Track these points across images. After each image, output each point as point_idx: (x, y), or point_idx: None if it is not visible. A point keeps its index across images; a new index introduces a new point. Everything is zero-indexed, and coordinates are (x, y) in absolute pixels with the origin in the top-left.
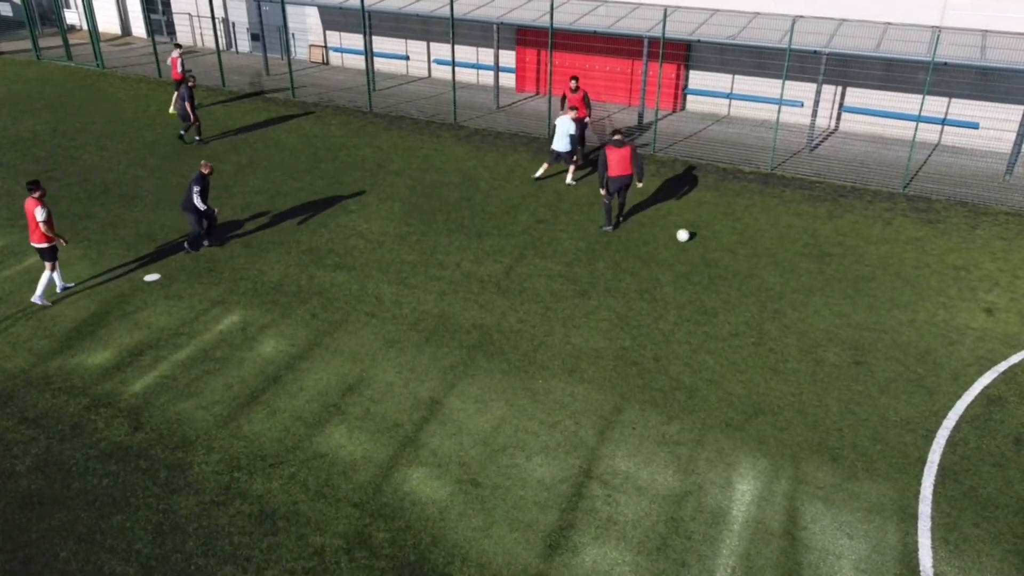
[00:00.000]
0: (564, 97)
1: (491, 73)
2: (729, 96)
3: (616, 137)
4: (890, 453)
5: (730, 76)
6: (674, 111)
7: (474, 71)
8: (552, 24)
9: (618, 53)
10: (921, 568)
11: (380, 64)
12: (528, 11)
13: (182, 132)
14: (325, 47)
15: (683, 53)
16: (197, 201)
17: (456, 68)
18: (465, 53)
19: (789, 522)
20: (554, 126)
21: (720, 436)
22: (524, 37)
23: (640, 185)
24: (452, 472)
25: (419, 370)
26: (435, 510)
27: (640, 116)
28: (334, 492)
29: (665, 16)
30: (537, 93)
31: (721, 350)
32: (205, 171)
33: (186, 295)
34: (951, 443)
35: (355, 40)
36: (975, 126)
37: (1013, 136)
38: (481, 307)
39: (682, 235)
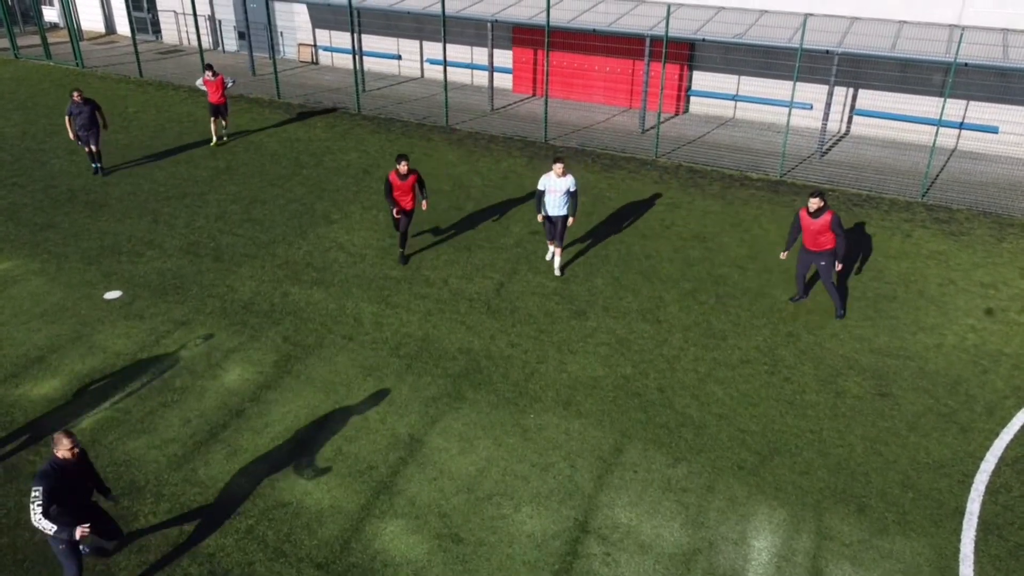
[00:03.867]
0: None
1: (486, 73)
2: (735, 98)
3: (814, 201)
4: (923, 502)
5: (736, 77)
6: (677, 114)
7: (468, 71)
8: (549, 22)
9: (618, 53)
10: None
11: (371, 64)
12: (524, 8)
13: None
14: (314, 46)
15: (686, 53)
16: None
17: (449, 68)
18: (459, 52)
19: None
20: (539, 190)
21: (733, 481)
22: (521, 36)
23: (839, 267)
24: (431, 525)
25: (398, 402)
26: (410, 572)
27: (642, 119)
28: (296, 549)
29: (668, 14)
30: (534, 94)
31: (731, 379)
32: (61, 454)
33: (148, 315)
34: (991, 490)
35: (346, 39)
36: (995, 130)
37: None
38: (469, 329)
39: None
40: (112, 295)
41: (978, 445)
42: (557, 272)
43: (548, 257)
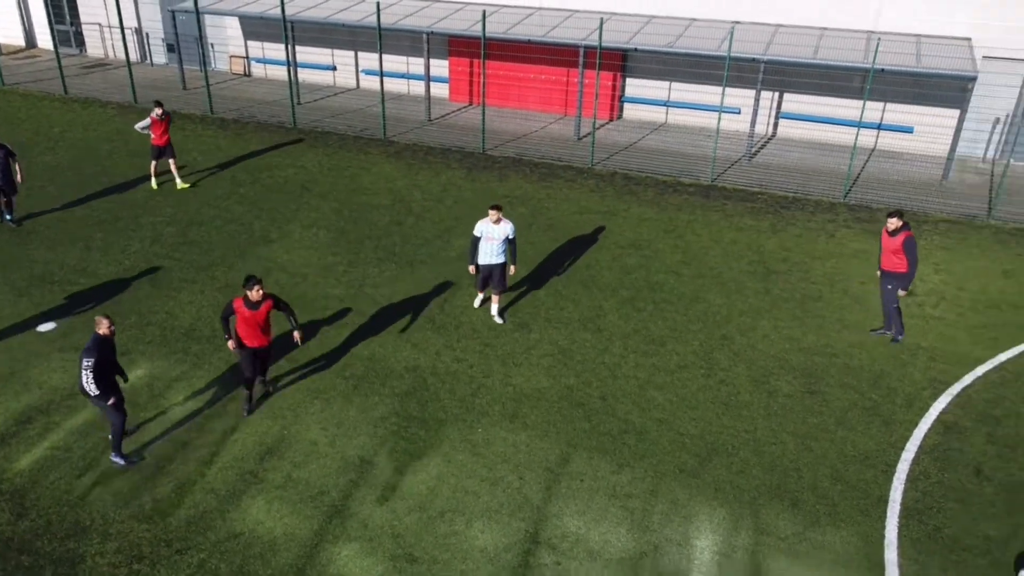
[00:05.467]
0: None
1: (423, 83)
2: (667, 104)
3: (892, 220)
4: (851, 493)
5: (667, 83)
6: (611, 120)
7: (405, 81)
8: (484, 33)
9: (553, 62)
10: None
11: (305, 75)
12: (459, 20)
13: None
14: (247, 58)
15: (619, 62)
16: (88, 384)
17: (385, 79)
18: (395, 63)
19: None
20: (475, 237)
21: (674, 484)
22: (457, 47)
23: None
24: (385, 547)
25: (347, 424)
26: None
27: (577, 126)
28: None
29: (601, 25)
30: (470, 103)
31: (671, 384)
32: (103, 331)
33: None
34: (912, 478)
35: (278, 50)
36: (910, 130)
37: (948, 140)
38: (414, 346)
39: None
40: (46, 327)
41: (899, 436)
42: (497, 319)
43: (477, 304)
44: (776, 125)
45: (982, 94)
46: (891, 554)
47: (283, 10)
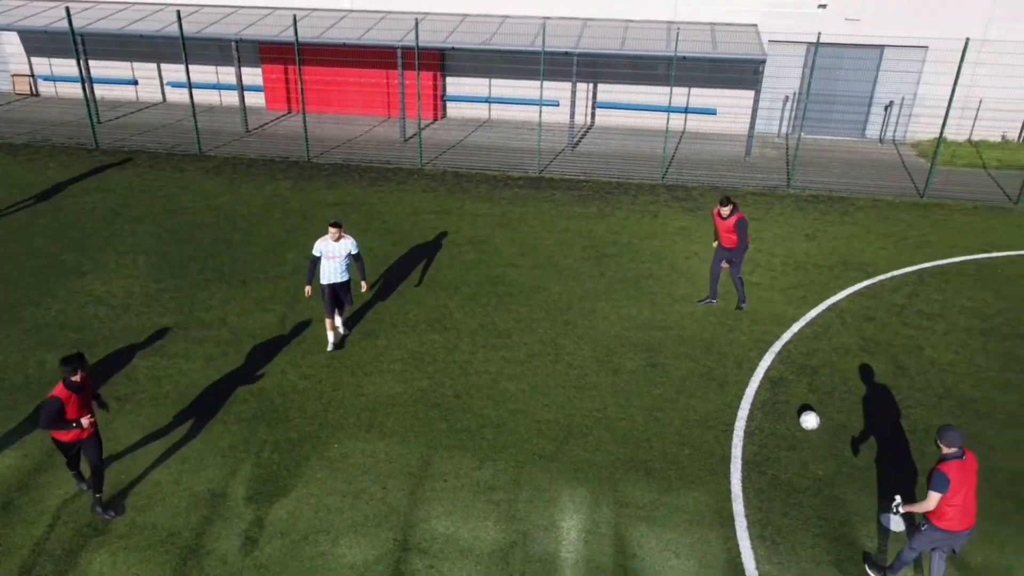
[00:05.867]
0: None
1: (235, 93)
2: (488, 100)
3: (725, 208)
4: (698, 455)
5: (487, 80)
6: (436, 119)
7: (216, 92)
8: (297, 38)
9: (372, 64)
10: (746, 572)
11: (104, 91)
12: (269, 26)
13: None
14: (32, 76)
15: (438, 61)
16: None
17: (195, 90)
18: (204, 73)
19: (618, 553)
20: (313, 257)
21: (536, 471)
22: (269, 53)
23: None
24: None
25: (192, 459)
26: None
27: (402, 128)
28: None
29: (417, 25)
30: (289, 111)
31: (522, 374)
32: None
33: None
34: (748, 433)
35: (70, 66)
36: (713, 112)
37: (747, 119)
38: (256, 368)
39: (810, 421)
40: None
41: (734, 396)
42: (341, 330)
43: (330, 347)
44: (594, 115)
45: (772, 75)
46: (738, 506)
47: (70, 22)
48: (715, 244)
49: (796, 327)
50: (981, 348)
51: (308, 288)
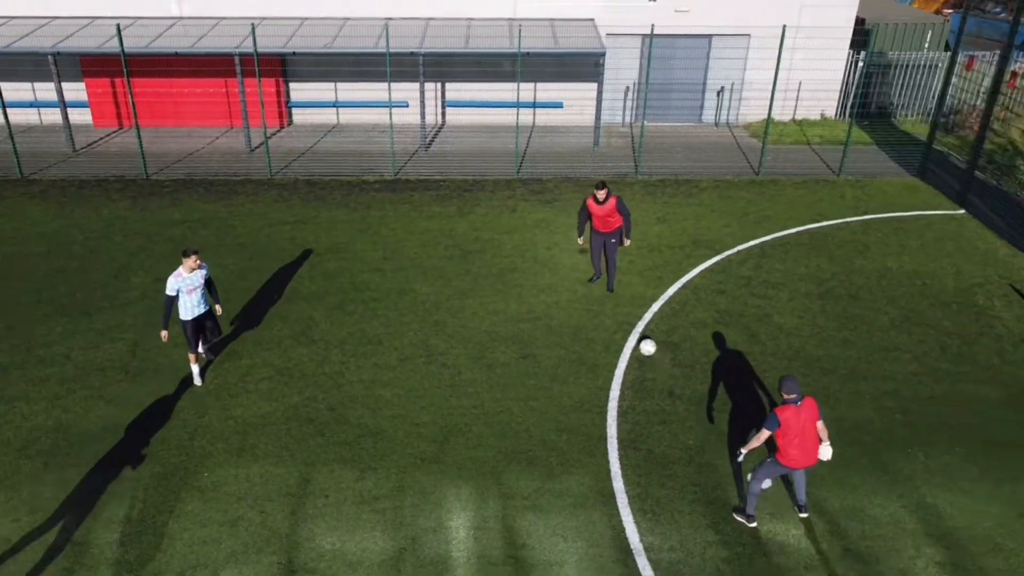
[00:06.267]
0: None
1: (57, 111)
2: (335, 104)
3: (601, 192)
4: (576, 439)
5: (333, 84)
6: (282, 127)
7: (34, 111)
8: (123, 49)
9: (209, 73)
10: (632, 547)
11: None
12: (90, 37)
13: None
14: None
15: (279, 67)
16: None
17: (9, 110)
18: (18, 91)
19: (508, 545)
20: (169, 296)
21: (419, 475)
22: (92, 67)
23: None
24: None
25: (43, 508)
26: None
27: (247, 138)
28: None
29: (253, 30)
30: (120, 127)
31: (396, 379)
32: None
33: None
34: (622, 413)
35: None
36: (560, 105)
37: (592, 111)
38: (109, 403)
39: (648, 348)
40: None
41: (605, 378)
42: (204, 355)
43: (197, 382)
44: (444, 114)
45: (612, 67)
46: (618, 483)
47: None
48: (580, 241)
49: (656, 306)
50: (820, 310)
51: (165, 333)
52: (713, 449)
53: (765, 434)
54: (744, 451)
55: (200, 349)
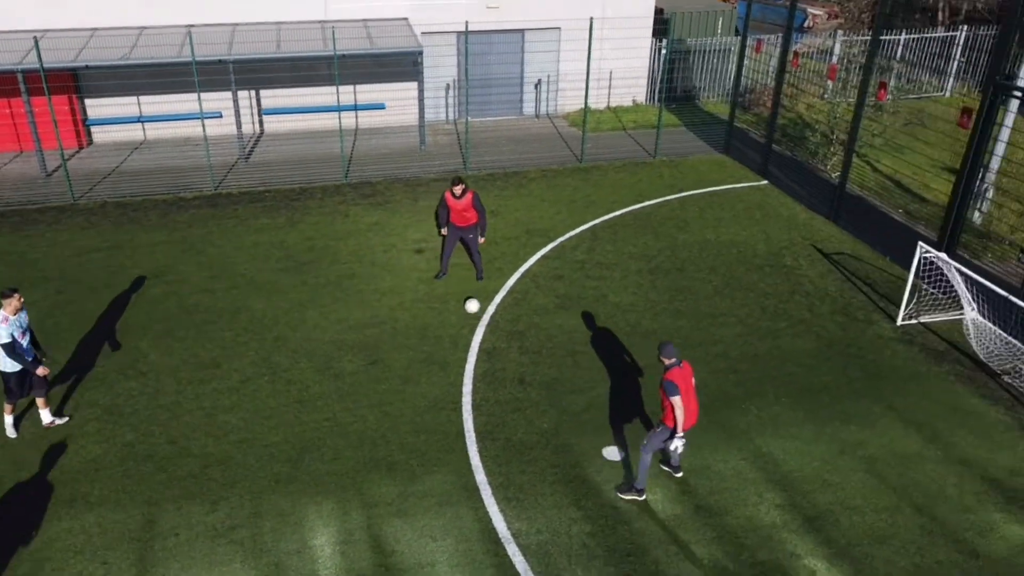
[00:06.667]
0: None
1: None
2: (141, 120)
3: (458, 188)
4: (434, 439)
5: (136, 98)
6: (81, 148)
7: None
8: None
9: None
10: (501, 536)
11: None
12: None
13: None
14: None
15: (71, 83)
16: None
17: None
18: None
19: (377, 554)
20: (5, 343)
21: (275, 497)
22: None
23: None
24: None
25: None
26: None
27: (41, 161)
28: None
29: (37, 44)
30: None
31: (239, 402)
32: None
33: None
34: (476, 406)
35: None
36: (383, 107)
37: (416, 110)
38: None
39: (472, 306)
40: None
41: (456, 374)
42: (11, 432)
43: (12, 434)
44: (261, 122)
45: (431, 65)
46: (480, 476)
47: None
48: (443, 232)
49: (498, 298)
50: (652, 285)
51: (43, 369)
52: (567, 430)
53: (678, 401)
54: (680, 433)
55: (23, 398)
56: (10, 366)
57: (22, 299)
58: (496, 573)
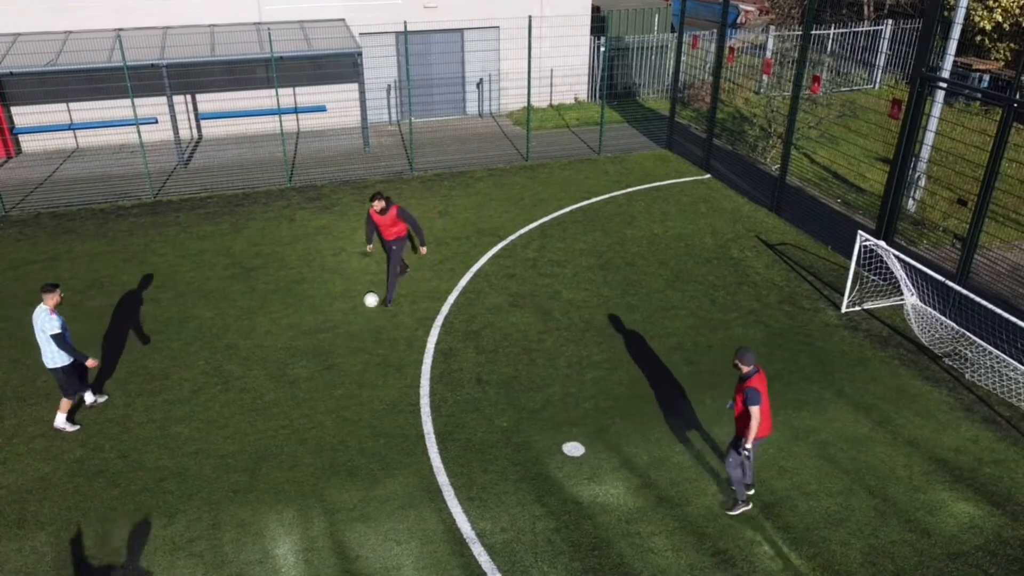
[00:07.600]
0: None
1: None
2: (72, 127)
3: (378, 203)
4: (394, 442)
5: (65, 105)
6: (9, 157)
7: None
8: None
9: None
10: (465, 536)
11: None
12: None
13: None
14: None
15: None
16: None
17: None
18: None
19: (341, 560)
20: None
21: (234, 508)
22: None
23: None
24: None
25: None
26: None
27: None
28: None
29: None
30: None
31: (191, 413)
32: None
33: None
34: (434, 407)
35: None
36: (324, 109)
37: (358, 112)
38: None
39: (371, 300)
40: None
41: (412, 376)
42: (61, 423)
43: (67, 423)
44: (199, 127)
45: (371, 66)
46: (443, 477)
47: None
48: (370, 248)
49: (452, 298)
50: (603, 281)
51: (93, 360)
52: (526, 428)
53: (756, 411)
54: (749, 444)
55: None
56: (60, 360)
57: (62, 295)
58: (462, 574)
